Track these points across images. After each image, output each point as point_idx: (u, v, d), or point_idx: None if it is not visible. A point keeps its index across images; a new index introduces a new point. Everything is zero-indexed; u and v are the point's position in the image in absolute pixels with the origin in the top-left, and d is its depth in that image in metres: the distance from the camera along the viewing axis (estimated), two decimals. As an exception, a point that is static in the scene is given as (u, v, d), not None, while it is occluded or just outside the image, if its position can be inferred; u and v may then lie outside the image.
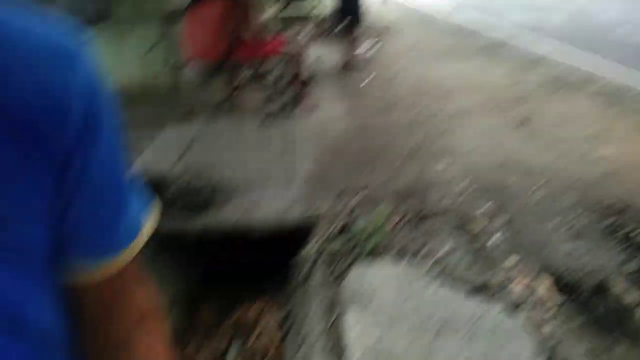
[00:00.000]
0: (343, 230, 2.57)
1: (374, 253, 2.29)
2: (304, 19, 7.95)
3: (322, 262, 2.46)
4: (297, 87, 4.60)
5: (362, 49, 6.53)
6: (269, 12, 6.81)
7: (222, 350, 2.84)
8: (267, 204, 3.02)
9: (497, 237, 2.42)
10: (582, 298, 1.98)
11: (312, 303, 2.36)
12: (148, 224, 0.53)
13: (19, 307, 0.43)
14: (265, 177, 3.21)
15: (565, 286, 2.04)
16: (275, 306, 3.08)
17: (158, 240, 2.91)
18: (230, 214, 2.96)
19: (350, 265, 2.26)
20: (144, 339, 0.55)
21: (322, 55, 6.46)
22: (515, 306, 1.85)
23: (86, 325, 0.52)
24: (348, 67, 5.91)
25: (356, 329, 1.74)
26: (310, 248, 2.57)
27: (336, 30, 5.88)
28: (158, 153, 3.22)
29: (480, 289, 1.93)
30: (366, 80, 5.49)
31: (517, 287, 1.99)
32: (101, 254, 0.49)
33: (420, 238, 2.44)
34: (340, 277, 2.27)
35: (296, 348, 2.44)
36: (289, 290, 3.11)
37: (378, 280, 1.97)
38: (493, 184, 2.96)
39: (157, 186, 2.92)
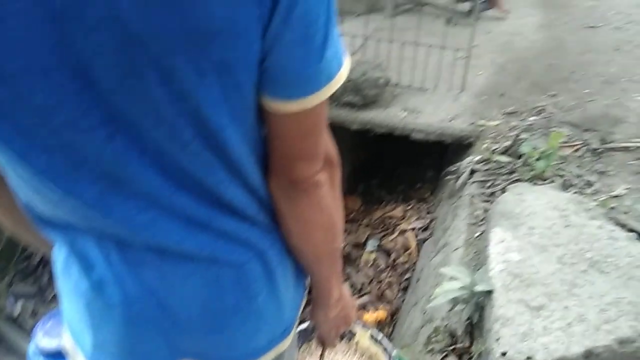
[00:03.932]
0: (509, 148, 2.44)
1: (539, 177, 2.16)
2: None
3: (479, 175, 2.40)
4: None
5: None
6: None
7: (361, 241, 3.01)
8: (434, 109, 2.96)
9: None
10: None
11: (460, 214, 2.36)
12: (343, 70, 0.57)
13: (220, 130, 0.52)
14: (437, 80, 3.11)
15: None
16: (419, 211, 3.13)
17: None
18: (394, 113, 2.97)
19: (508, 184, 2.17)
20: (323, 182, 0.61)
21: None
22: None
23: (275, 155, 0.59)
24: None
25: (501, 245, 1.71)
26: (470, 160, 2.51)
27: None
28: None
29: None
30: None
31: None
32: (301, 88, 0.53)
33: (595, 172, 2.22)
34: (495, 194, 2.21)
35: (432, 254, 2.49)
36: (437, 197, 3.12)
37: (537, 205, 1.88)
38: None
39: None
